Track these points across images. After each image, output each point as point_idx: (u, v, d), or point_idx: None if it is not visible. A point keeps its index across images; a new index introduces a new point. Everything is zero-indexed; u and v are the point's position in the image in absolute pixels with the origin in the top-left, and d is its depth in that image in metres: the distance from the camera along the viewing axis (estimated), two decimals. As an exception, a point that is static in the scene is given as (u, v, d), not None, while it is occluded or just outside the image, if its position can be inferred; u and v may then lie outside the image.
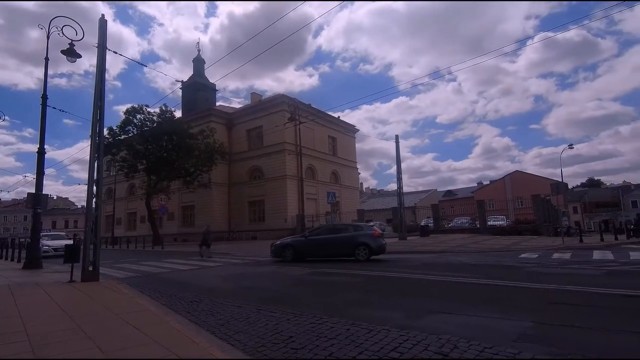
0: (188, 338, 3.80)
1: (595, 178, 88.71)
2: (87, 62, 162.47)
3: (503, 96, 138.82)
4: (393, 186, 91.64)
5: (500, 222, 28.51)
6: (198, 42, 50.91)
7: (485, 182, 73.71)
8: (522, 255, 12.13)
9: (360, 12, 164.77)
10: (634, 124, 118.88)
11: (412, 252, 14.97)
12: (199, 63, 43.77)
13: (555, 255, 11.83)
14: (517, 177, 59.99)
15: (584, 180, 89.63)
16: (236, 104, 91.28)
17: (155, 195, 29.17)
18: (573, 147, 32.27)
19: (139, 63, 29.67)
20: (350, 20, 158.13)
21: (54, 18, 10.91)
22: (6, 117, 15.01)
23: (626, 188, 67.34)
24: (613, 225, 24.78)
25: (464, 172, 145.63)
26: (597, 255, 11.72)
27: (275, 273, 10.16)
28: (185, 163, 28.48)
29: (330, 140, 39.16)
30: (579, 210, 60.32)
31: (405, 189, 30.19)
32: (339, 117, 40.76)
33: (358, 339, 3.64)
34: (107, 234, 38.09)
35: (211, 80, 44.08)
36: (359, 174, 46.48)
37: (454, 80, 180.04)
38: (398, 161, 24.34)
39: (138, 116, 28.86)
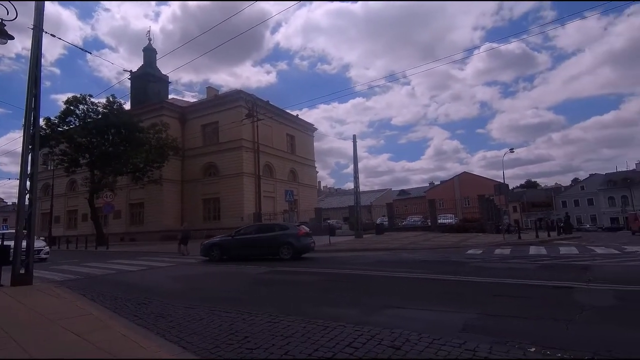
0: (135, 342, 3.59)
1: (533, 180, 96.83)
2: (20, 44, 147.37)
3: (453, 101, 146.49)
4: (350, 185, 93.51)
5: (450, 220, 30.20)
6: (149, 31, 48.37)
7: (437, 183, 77.57)
8: (469, 252, 12.91)
9: (319, 12, 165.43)
10: (564, 131, 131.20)
11: (368, 250, 15.35)
12: (150, 53, 41.46)
13: (497, 251, 12.72)
14: (465, 178, 63.77)
15: (522, 181, 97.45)
16: (190, 97, 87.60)
17: (100, 191, 27.26)
18: (514, 151, 35.03)
19: (81, 49, 27.34)
20: (308, 19, 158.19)
21: (-19, -7, 9.76)
22: None
23: (557, 189, 74.36)
24: (546, 223, 27.19)
25: (417, 173, 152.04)
26: (532, 250, 12.77)
27: (230, 272, 9.93)
28: (134, 158, 26.89)
29: (288, 138, 38.96)
30: (518, 210, 65.39)
31: (362, 188, 30.92)
32: (297, 115, 40.68)
33: (314, 336, 3.65)
34: (44, 234, 34.91)
35: (163, 72, 42.01)
36: (317, 172, 46.79)
37: (408, 84, 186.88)
38: (355, 161, 24.81)
39: (80, 107, 26.77)
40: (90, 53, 23.01)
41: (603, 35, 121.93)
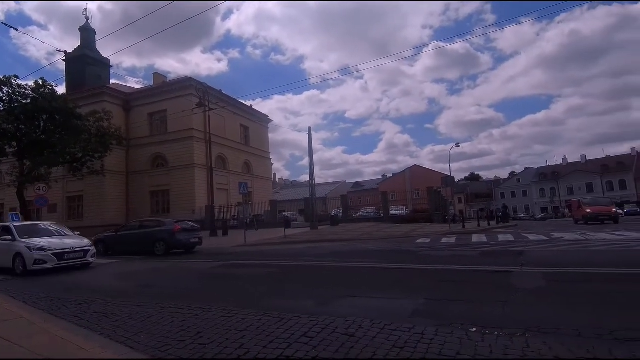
0: (75, 345, 3.34)
1: (475, 173, 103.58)
2: None
3: (403, 96, 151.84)
4: (305, 177, 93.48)
5: (401, 212, 31.53)
6: (86, 9, 44.26)
7: (389, 175, 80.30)
8: (418, 241, 13.56)
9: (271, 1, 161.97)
10: (503, 128, 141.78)
11: (323, 241, 15.55)
12: (88, 33, 38.04)
13: (444, 240, 13.50)
14: (415, 171, 66.76)
15: (467, 174, 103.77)
16: (133, 83, 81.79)
17: (31, 183, 24.78)
18: (460, 146, 37.22)
19: (4, 24, 24.16)
20: (261, 7, 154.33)
21: None
22: None
23: (497, 182, 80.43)
24: (486, 213, 29.34)
25: (370, 166, 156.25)
26: (475, 238, 13.71)
27: (180, 268, 9.57)
28: (71, 147, 24.70)
29: (242, 129, 38.05)
30: (462, 201, 69.86)
31: (317, 181, 31.10)
32: (251, 105, 39.80)
33: (269, 328, 3.64)
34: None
35: (103, 55, 38.82)
36: (272, 164, 46.31)
37: (361, 78, 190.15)
38: (310, 153, 24.87)
39: (5, 89, 23.96)
40: (17, 29, 20.68)
41: (536, 40, 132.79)
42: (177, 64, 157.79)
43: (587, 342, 2.93)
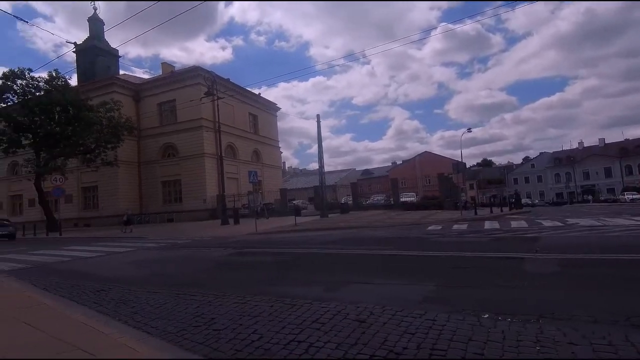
0: (95, 329, 3.45)
1: (488, 158, 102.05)
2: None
3: (412, 81, 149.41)
4: (314, 165, 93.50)
5: (411, 199, 31.38)
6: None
7: (399, 162, 79.70)
8: (429, 228, 13.49)
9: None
10: (516, 112, 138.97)
11: (333, 229, 15.60)
12: (96, 24, 38.21)
13: (455, 227, 13.41)
14: (426, 157, 66.15)
15: (478, 160, 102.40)
16: (140, 73, 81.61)
17: (48, 174, 25.39)
18: (471, 131, 36.54)
19: (15, 17, 24.16)
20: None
21: None
22: None
23: (509, 167, 79.15)
24: (499, 200, 29.01)
25: (379, 153, 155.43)
26: (487, 225, 13.59)
27: (194, 256, 9.74)
28: (84, 139, 25.15)
29: (251, 117, 38.09)
30: (474, 187, 69.07)
31: (326, 168, 31.08)
32: (259, 94, 39.69)
33: (281, 314, 3.70)
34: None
35: (111, 45, 38.95)
36: (281, 152, 46.38)
37: (368, 63, 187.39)
38: (319, 141, 24.78)
39: (19, 82, 24.37)
40: (27, 22, 20.83)
41: (550, 19, 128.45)
42: (180, 53, 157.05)
43: (602, 329, 2.89)
